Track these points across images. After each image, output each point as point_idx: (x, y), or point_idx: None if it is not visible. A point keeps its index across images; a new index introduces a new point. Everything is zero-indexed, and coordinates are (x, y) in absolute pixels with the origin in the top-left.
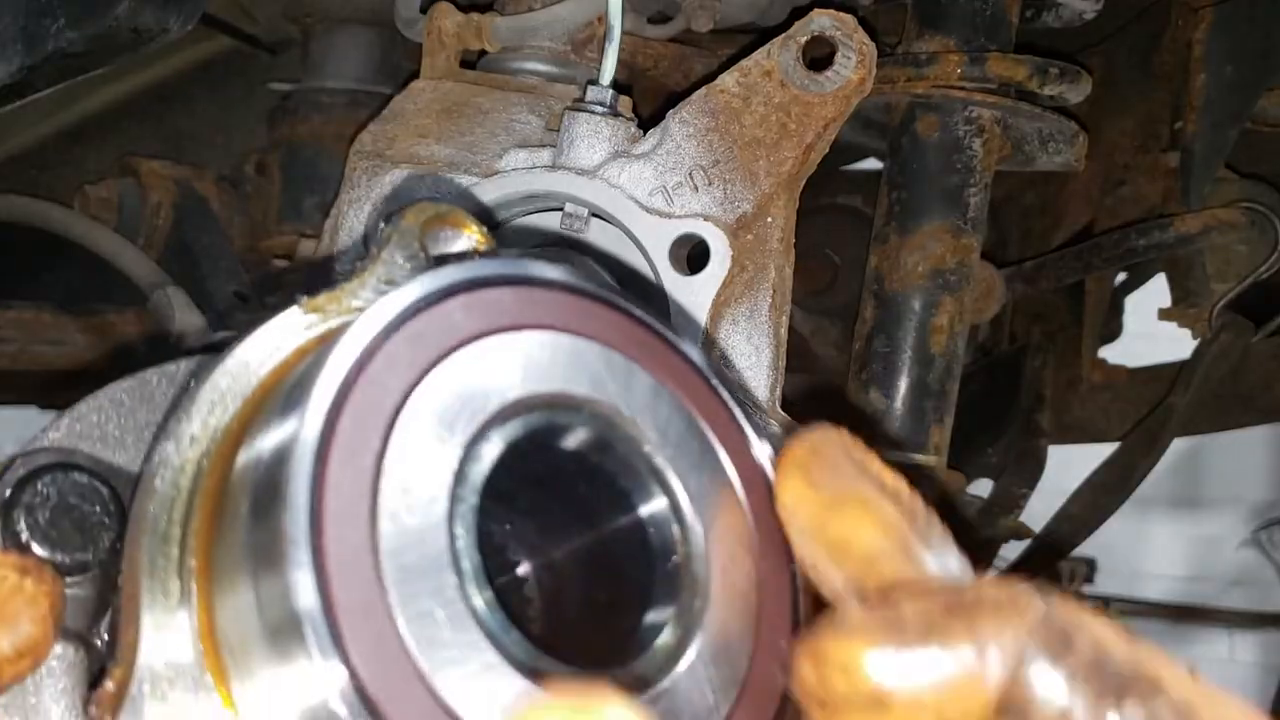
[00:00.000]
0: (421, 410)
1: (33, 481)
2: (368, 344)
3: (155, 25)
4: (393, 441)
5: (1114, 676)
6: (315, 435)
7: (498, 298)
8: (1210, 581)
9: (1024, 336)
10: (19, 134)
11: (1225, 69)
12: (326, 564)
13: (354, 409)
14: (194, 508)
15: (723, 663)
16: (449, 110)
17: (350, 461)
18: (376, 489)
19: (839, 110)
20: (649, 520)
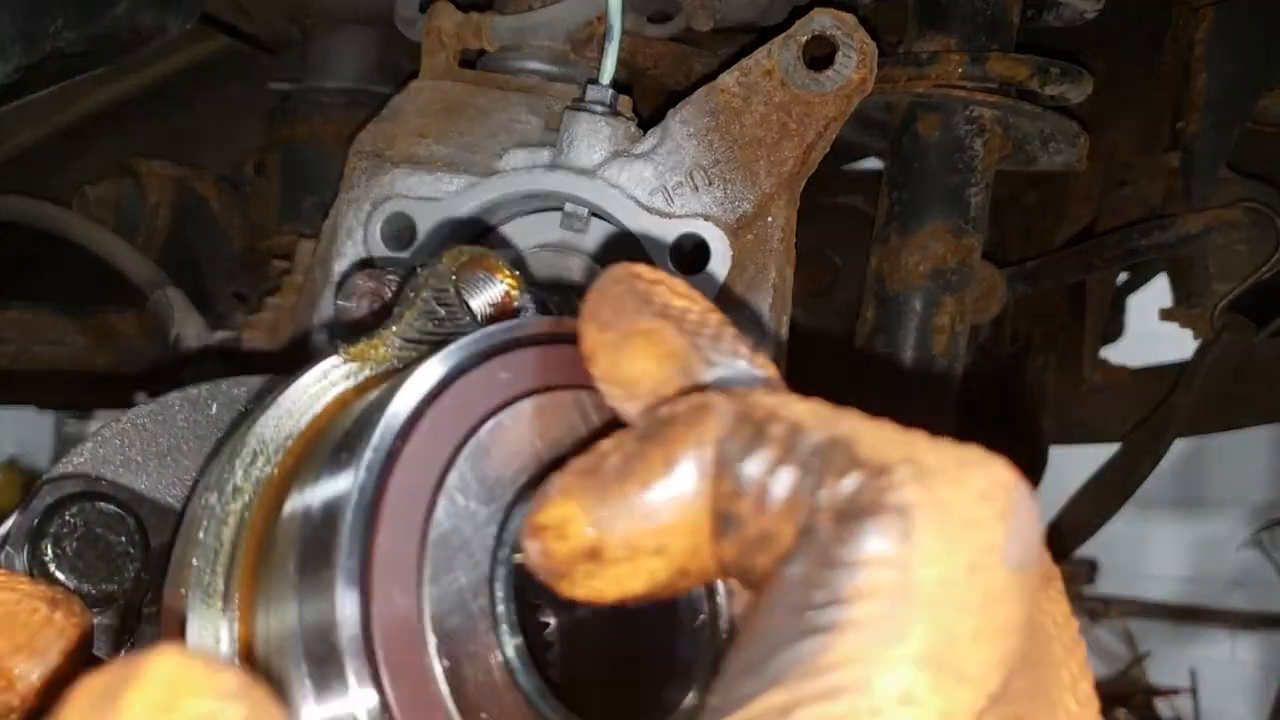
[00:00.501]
0: (465, 474)
1: (60, 511)
2: (415, 408)
3: (154, 25)
4: (439, 505)
5: (810, 450)
6: (367, 501)
7: (534, 358)
8: (1212, 582)
9: (1025, 337)
10: (18, 134)
11: (1227, 68)
12: (373, 626)
13: (403, 473)
14: (237, 561)
15: None
16: (448, 110)
17: (400, 525)
18: (423, 552)
19: (840, 110)
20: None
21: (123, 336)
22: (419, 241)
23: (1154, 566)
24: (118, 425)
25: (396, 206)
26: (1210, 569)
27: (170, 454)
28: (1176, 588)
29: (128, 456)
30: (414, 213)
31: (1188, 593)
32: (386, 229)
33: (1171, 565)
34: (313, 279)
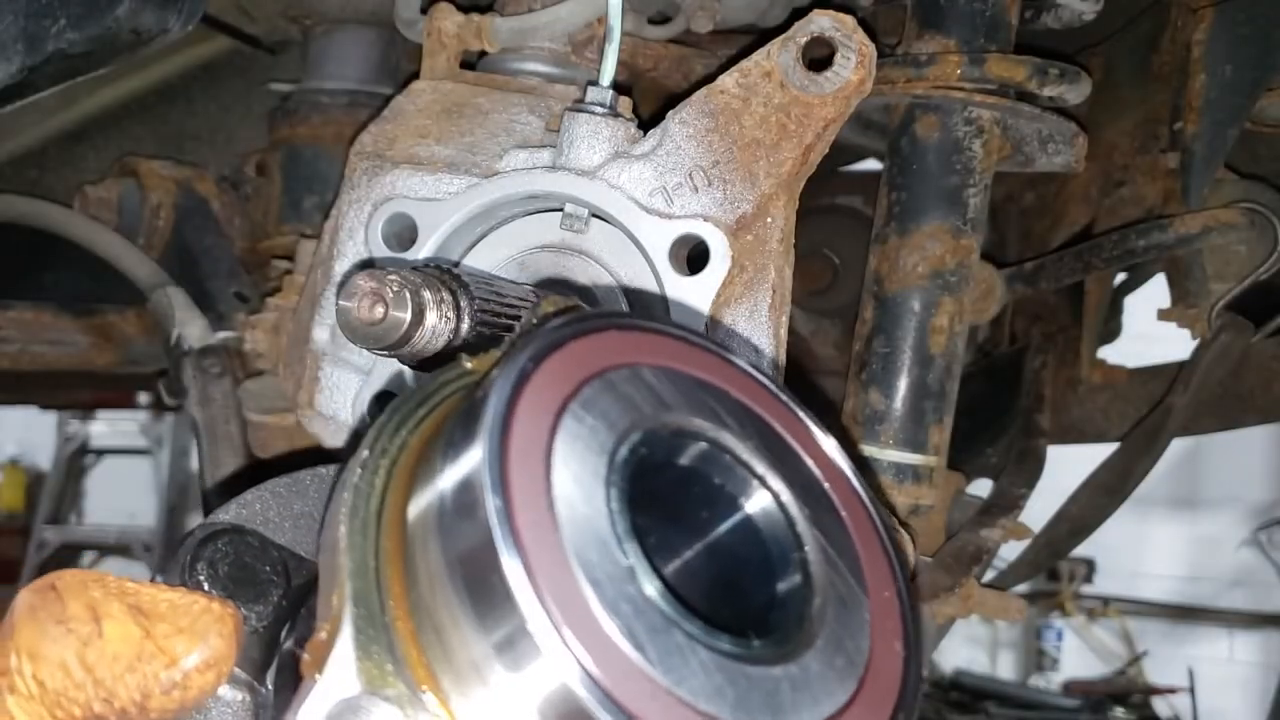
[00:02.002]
0: (569, 438)
1: (213, 540)
2: (516, 381)
3: (155, 26)
4: (555, 471)
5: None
6: (495, 468)
7: (604, 341)
8: (1210, 581)
9: (1024, 337)
10: (20, 134)
11: (1225, 69)
12: (537, 578)
13: (519, 441)
14: (383, 575)
15: (842, 651)
16: (449, 111)
17: (528, 484)
18: (554, 508)
19: (839, 111)
20: (760, 516)
21: (124, 336)
22: (419, 241)
23: (1152, 566)
24: (257, 492)
25: (398, 207)
26: (1208, 568)
27: (304, 518)
28: (1174, 587)
29: (266, 517)
30: (415, 213)
31: (1186, 592)
32: (388, 229)
33: (1169, 564)
34: (314, 279)
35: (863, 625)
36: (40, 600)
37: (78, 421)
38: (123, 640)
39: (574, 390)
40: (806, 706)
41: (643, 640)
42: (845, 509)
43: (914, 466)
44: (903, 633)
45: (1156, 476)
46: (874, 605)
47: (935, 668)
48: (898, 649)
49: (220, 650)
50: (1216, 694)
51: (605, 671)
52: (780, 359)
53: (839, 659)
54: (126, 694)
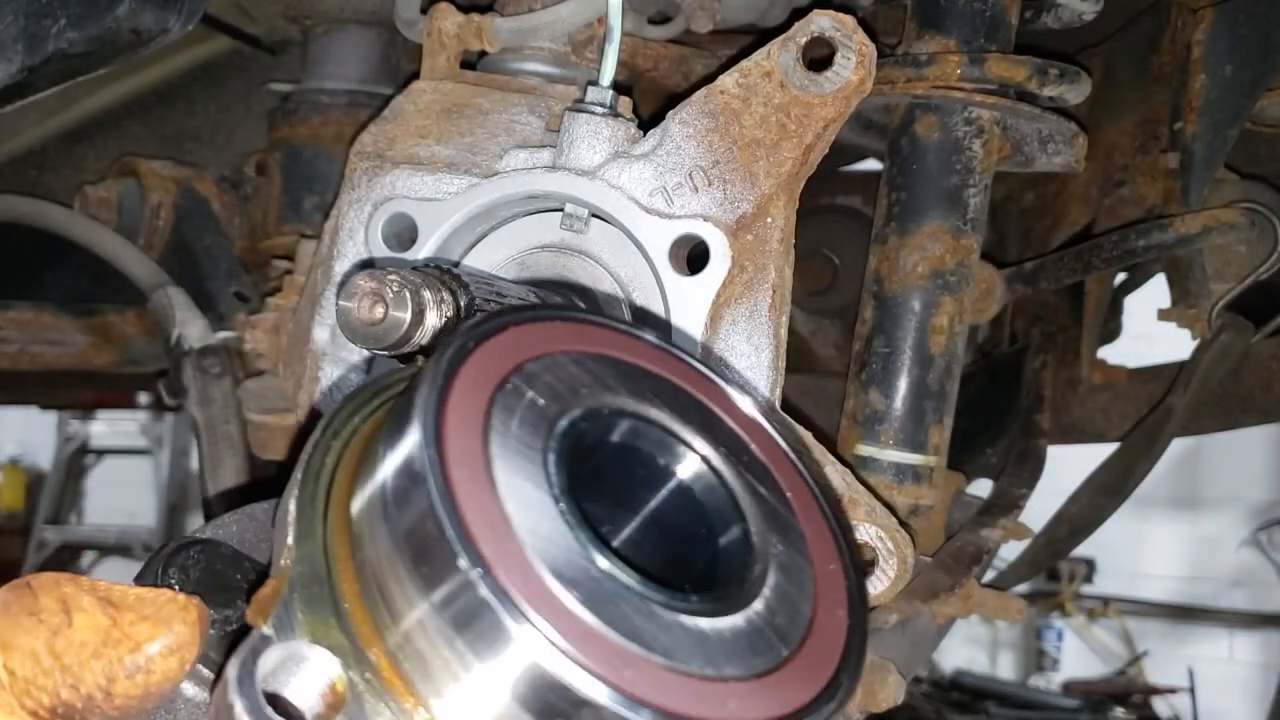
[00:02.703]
0: (504, 417)
1: (186, 550)
2: (450, 362)
3: (155, 26)
4: (492, 446)
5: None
6: (431, 435)
7: (528, 333)
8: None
9: (1024, 337)
10: (20, 134)
11: (1225, 69)
12: (484, 554)
13: (455, 415)
14: (330, 540)
15: (782, 612)
16: (449, 111)
17: (464, 452)
18: (494, 482)
19: (839, 111)
20: (697, 487)
21: (124, 336)
22: (420, 241)
23: (1152, 566)
24: (235, 515)
25: (398, 207)
26: (1208, 568)
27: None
28: (1174, 587)
29: (243, 538)
30: (415, 213)
31: (1186, 592)
32: (388, 229)
33: (1169, 564)
34: (314, 279)
35: (805, 591)
36: (14, 596)
37: (78, 421)
38: (90, 629)
39: (505, 375)
40: (741, 658)
41: (586, 597)
42: (788, 486)
43: (914, 466)
44: (847, 601)
45: (1156, 476)
46: (818, 574)
47: (935, 668)
48: (841, 615)
49: (184, 636)
50: (1216, 694)
51: (558, 630)
52: (780, 359)
53: (779, 618)
54: (92, 679)
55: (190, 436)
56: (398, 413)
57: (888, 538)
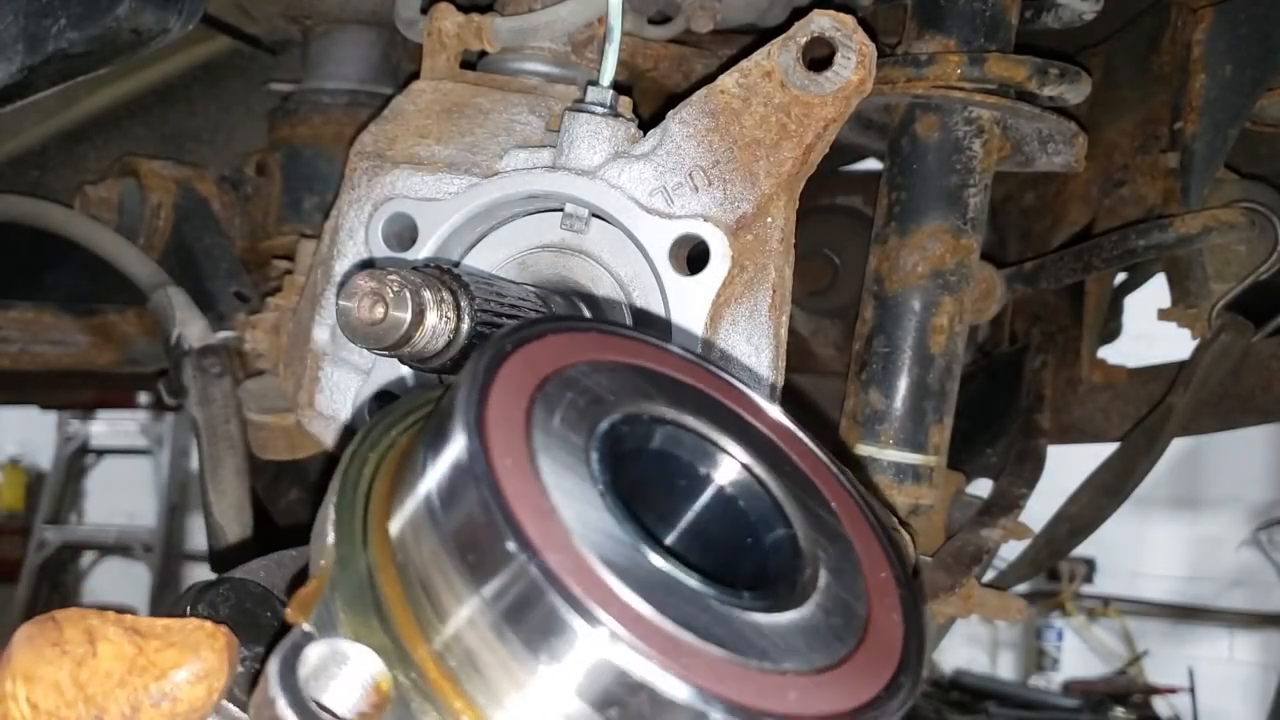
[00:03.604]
0: (544, 420)
1: (216, 587)
2: (487, 367)
3: (156, 26)
4: (536, 443)
5: None
6: (476, 442)
7: (555, 343)
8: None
9: (1024, 337)
10: (20, 134)
11: (1225, 69)
12: (533, 541)
13: (496, 413)
14: (371, 542)
15: (839, 612)
16: (449, 111)
17: (507, 452)
18: (539, 473)
19: (839, 111)
20: (739, 493)
21: (124, 336)
22: (420, 241)
23: (1152, 565)
24: (263, 560)
25: (398, 207)
26: (1208, 568)
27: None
28: (1175, 587)
29: (271, 582)
30: (415, 213)
31: (1186, 591)
32: (388, 229)
33: (1170, 564)
34: (314, 279)
35: (858, 594)
36: (38, 629)
37: (78, 421)
38: (115, 658)
39: (542, 379)
40: (800, 654)
41: (640, 587)
42: (831, 495)
43: (914, 466)
44: (901, 607)
45: (1156, 476)
46: (869, 579)
47: (935, 667)
48: (897, 619)
49: (212, 664)
50: (1217, 694)
51: (618, 620)
52: (780, 359)
53: (834, 618)
54: (116, 709)
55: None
56: (439, 413)
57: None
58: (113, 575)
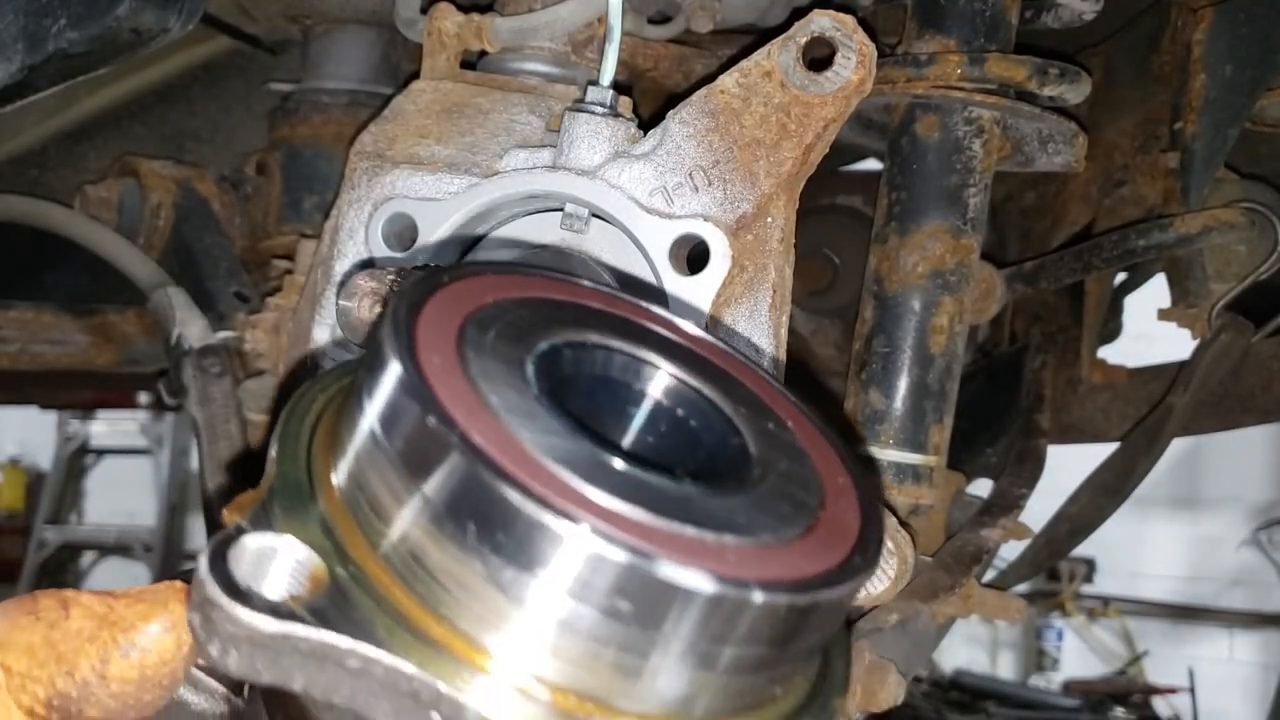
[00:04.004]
0: (474, 347)
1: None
2: (409, 304)
3: (156, 26)
4: (471, 366)
5: None
6: (408, 354)
7: (476, 284)
8: (1210, 581)
9: (1024, 337)
10: (20, 134)
11: (1225, 69)
12: (471, 434)
13: (425, 343)
14: (315, 463)
15: (791, 500)
16: (449, 110)
17: (444, 370)
18: (477, 387)
19: (839, 111)
20: (672, 400)
21: (124, 336)
22: (420, 241)
23: (1152, 565)
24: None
25: (398, 207)
26: (1208, 568)
27: None
28: (1175, 587)
29: None
30: (415, 213)
31: (1186, 592)
32: (388, 229)
33: (1170, 564)
34: (314, 279)
35: (812, 490)
36: (15, 602)
37: (78, 421)
38: (87, 617)
39: (464, 316)
40: (771, 527)
41: (587, 475)
42: (770, 401)
43: (914, 466)
44: (859, 503)
45: (1156, 476)
46: (826, 482)
47: (935, 667)
48: (854, 514)
49: (179, 615)
50: (1217, 694)
51: (576, 504)
52: (780, 359)
53: (784, 506)
54: (87, 664)
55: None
56: (373, 343)
57: (888, 538)
58: (113, 575)
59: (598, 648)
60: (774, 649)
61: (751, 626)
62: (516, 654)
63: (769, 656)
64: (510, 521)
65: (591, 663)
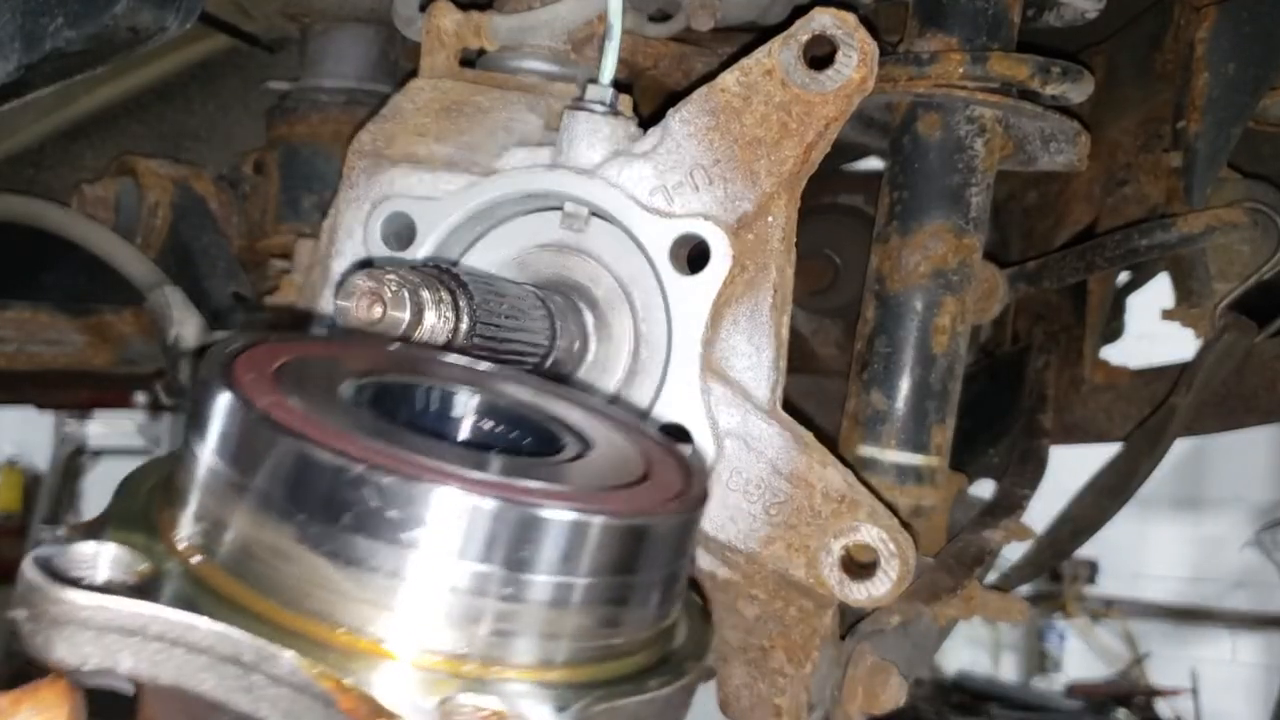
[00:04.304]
0: (290, 387)
1: None
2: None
3: (153, 24)
4: (287, 393)
5: None
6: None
7: (278, 347)
8: (1213, 582)
9: (1026, 337)
10: (17, 133)
11: (1228, 68)
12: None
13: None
14: (153, 514)
15: (616, 469)
16: (448, 109)
17: (260, 383)
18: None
19: (840, 109)
20: (489, 411)
21: (121, 336)
22: (418, 240)
23: (1155, 567)
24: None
25: (396, 206)
26: (1211, 569)
27: None
28: (1177, 588)
29: None
30: (413, 212)
31: (1188, 593)
32: (386, 228)
33: (1172, 565)
34: (312, 278)
35: (636, 464)
36: None
37: (75, 422)
38: None
39: (275, 367)
40: (594, 484)
41: (402, 441)
42: (599, 424)
43: (916, 467)
44: (683, 472)
45: (1159, 477)
46: (653, 462)
47: (937, 669)
48: (678, 476)
49: (51, 701)
50: (1219, 695)
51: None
52: (781, 359)
53: (612, 472)
54: None
55: None
56: (194, 390)
57: (890, 539)
58: None
59: (445, 597)
60: (621, 579)
61: (600, 549)
62: (370, 621)
63: (618, 591)
64: (330, 485)
65: (444, 617)
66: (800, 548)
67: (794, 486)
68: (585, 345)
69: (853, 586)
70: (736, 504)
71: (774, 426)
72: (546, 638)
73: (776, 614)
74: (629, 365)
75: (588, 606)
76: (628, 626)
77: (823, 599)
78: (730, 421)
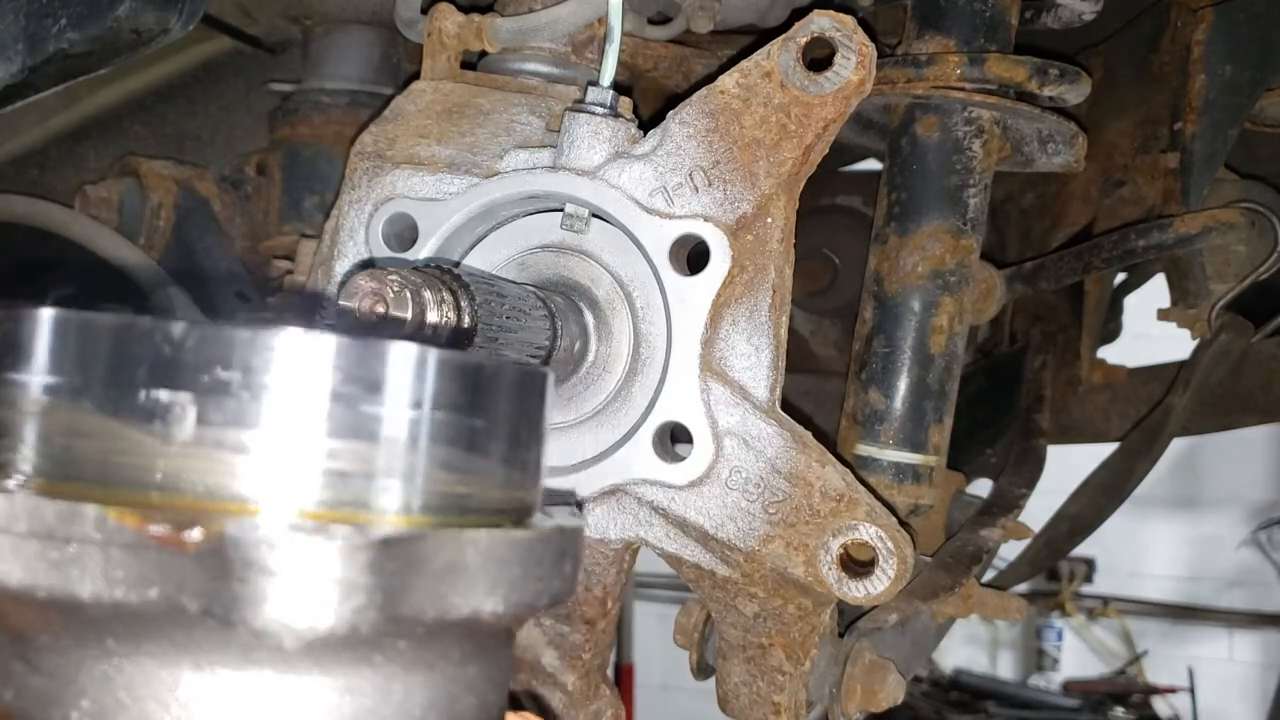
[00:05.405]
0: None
1: None
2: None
3: (156, 26)
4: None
5: None
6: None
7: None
8: (1210, 581)
9: (1023, 337)
10: (21, 134)
11: (1225, 69)
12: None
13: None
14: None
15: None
16: (450, 111)
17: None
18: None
19: (839, 111)
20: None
21: None
22: (420, 241)
23: (1152, 565)
24: None
25: (398, 207)
26: (1208, 568)
27: None
28: (1174, 587)
29: None
30: (415, 213)
31: (1185, 591)
32: (388, 229)
33: (1169, 564)
34: (314, 279)
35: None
36: None
37: None
38: None
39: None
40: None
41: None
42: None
43: (914, 466)
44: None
45: (1156, 476)
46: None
47: (935, 667)
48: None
49: None
50: (1216, 694)
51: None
52: (780, 359)
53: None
54: None
55: None
56: None
57: (888, 538)
58: None
59: (293, 445)
60: (465, 419)
61: (442, 381)
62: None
63: (463, 432)
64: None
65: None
66: (799, 546)
67: (793, 485)
68: (586, 345)
69: (851, 585)
70: (735, 502)
71: (773, 426)
72: (397, 479)
73: (775, 612)
74: (629, 365)
75: (435, 445)
76: (478, 475)
77: (821, 597)
78: (729, 421)
